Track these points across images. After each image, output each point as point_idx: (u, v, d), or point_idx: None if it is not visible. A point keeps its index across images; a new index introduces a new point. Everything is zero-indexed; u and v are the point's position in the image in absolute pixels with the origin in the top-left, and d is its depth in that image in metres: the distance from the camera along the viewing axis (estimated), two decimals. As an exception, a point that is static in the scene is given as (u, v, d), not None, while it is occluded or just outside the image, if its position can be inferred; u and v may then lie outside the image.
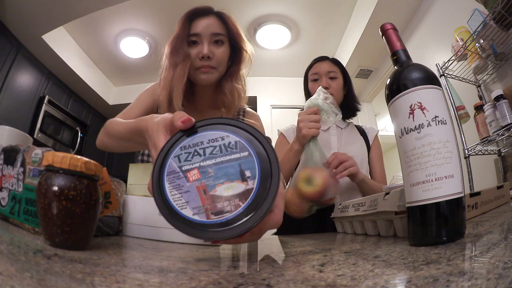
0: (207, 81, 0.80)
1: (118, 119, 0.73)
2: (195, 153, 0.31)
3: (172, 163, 0.30)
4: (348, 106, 1.13)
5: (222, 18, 0.82)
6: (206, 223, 0.28)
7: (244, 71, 0.87)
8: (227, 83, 0.83)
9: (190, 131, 0.32)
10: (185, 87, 0.78)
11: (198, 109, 0.87)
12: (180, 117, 0.32)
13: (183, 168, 0.30)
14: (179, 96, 0.76)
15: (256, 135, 0.31)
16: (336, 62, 1.15)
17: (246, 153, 0.30)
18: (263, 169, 0.29)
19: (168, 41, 0.81)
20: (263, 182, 0.29)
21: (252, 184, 0.29)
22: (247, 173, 0.29)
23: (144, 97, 0.86)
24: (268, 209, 0.28)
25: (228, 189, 0.29)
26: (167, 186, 0.30)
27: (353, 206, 0.62)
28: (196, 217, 0.28)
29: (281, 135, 1.16)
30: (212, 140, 0.31)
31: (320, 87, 0.79)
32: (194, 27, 0.78)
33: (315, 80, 1.12)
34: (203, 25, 0.78)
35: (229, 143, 0.30)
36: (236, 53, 0.84)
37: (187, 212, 0.29)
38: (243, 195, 0.29)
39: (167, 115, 0.35)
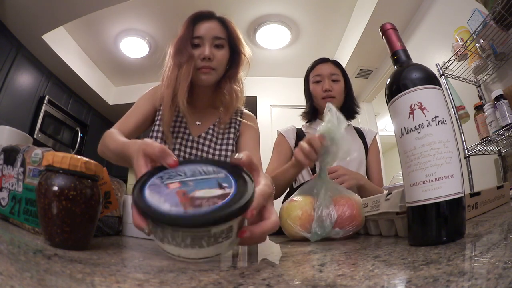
0: (206, 82, 0.83)
1: (113, 132, 0.75)
2: (177, 175, 0.34)
3: (155, 180, 0.33)
4: (348, 108, 1.14)
5: (223, 22, 0.85)
6: (183, 214, 0.28)
7: (242, 73, 0.90)
8: (226, 84, 0.86)
9: None
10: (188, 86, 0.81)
11: (198, 108, 0.89)
12: (168, 159, 0.36)
13: (164, 182, 0.32)
14: (184, 93, 0.79)
15: (232, 167, 0.35)
16: (337, 65, 1.16)
17: (222, 174, 0.34)
18: (239, 184, 0.32)
19: (172, 41, 0.84)
20: (239, 190, 0.31)
21: (230, 190, 0.31)
22: (224, 185, 0.32)
23: (142, 103, 0.88)
24: (251, 198, 0.30)
25: (207, 193, 0.30)
26: (147, 193, 0.31)
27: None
28: (173, 209, 0.28)
29: (280, 135, 1.16)
30: (192, 169, 0.35)
31: (329, 104, 0.64)
32: (197, 30, 0.82)
33: (318, 82, 1.12)
34: (206, 28, 0.82)
35: (208, 169, 0.35)
36: (235, 56, 0.87)
37: (165, 207, 0.29)
38: (221, 197, 0.30)
39: (144, 143, 0.38)
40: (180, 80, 0.79)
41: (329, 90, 1.08)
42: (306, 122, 1.20)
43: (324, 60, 1.16)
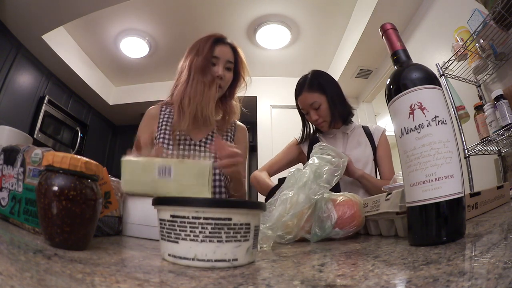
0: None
1: None
2: None
3: None
4: (340, 118, 1.14)
5: (234, 49, 1.00)
6: (206, 199, 0.34)
7: (239, 93, 1.06)
8: (228, 100, 1.02)
9: None
10: None
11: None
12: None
13: None
14: (213, 111, 0.92)
15: None
16: (312, 87, 1.12)
17: None
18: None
19: (192, 55, 0.94)
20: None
21: None
22: None
23: (141, 136, 0.98)
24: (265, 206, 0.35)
25: None
26: None
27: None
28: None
29: (295, 139, 1.25)
30: None
31: (313, 158, 0.61)
32: (216, 51, 0.95)
33: (306, 114, 1.17)
34: (222, 51, 0.96)
35: None
36: (236, 78, 1.02)
37: None
38: None
39: None
40: (210, 98, 0.90)
41: (316, 119, 1.12)
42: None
43: (298, 92, 1.16)
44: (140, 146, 0.77)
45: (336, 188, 0.95)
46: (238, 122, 1.11)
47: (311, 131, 1.23)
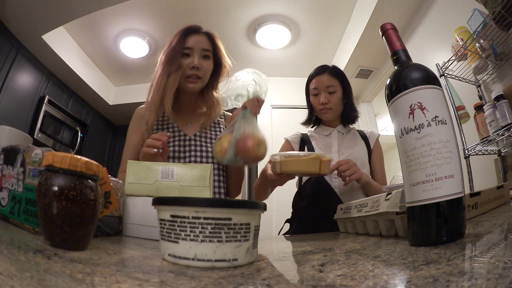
0: (193, 89, 0.94)
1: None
2: None
3: None
4: (347, 116, 1.15)
5: (210, 37, 0.96)
6: (207, 199, 0.35)
7: (222, 82, 1.01)
8: (208, 92, 0.99)
9: None
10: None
11: (185, 112, 1.00)
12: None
13: None
14: (170, 100, 0.90)
15: None
16: (335, 74, 1.14)
17: None
18: None
19: (163, 50, 0.93)
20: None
21: None
22: None
23: (131, 136, 0.99)
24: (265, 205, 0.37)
25: None
26: None
27: (356, 207, 0.62)
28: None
29: (286, 141, 1.21)
30: None
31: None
32: (188, 42, 0.92)
33: (315, 94, 1.14)
34: (195, 41, 0.92)
35: None
36: (217, 67, 0.98)
37: None
38: None
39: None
40: (168, 88, 0.89)
41: (325, 103, 1.10)
42: (312, 128, 1.23)
43: (321, 71, 1.15)
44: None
45: (333, 195, 0.98)
46: (227, 113, 1.07)
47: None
